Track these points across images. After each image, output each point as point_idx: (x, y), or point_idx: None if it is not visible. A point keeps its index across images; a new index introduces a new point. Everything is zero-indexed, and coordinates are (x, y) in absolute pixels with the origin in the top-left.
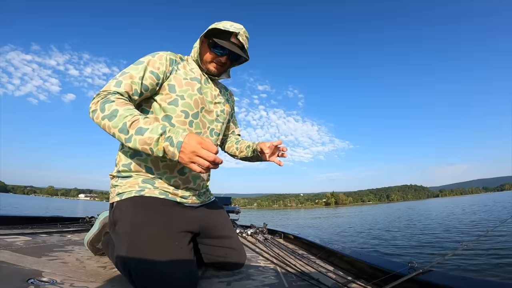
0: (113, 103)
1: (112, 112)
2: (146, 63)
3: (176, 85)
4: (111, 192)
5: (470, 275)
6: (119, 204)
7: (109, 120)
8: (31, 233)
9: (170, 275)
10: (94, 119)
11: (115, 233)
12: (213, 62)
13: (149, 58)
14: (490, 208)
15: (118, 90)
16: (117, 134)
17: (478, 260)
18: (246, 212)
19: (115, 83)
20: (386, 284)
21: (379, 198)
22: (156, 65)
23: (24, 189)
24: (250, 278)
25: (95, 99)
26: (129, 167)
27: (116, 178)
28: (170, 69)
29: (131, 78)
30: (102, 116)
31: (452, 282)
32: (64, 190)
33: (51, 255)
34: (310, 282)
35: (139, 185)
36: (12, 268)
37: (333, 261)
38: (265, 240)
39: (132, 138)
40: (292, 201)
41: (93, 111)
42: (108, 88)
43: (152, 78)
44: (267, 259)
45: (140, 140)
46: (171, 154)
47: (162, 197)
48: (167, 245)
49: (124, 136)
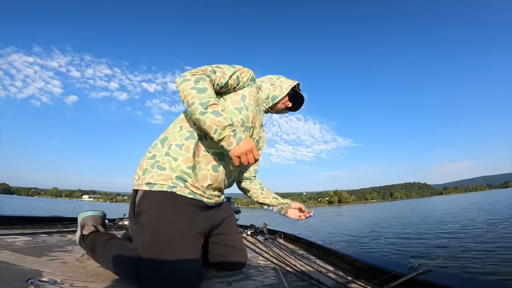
0: (206, 83)
1: (203, 88)
2: (237, 69)
3: (247, 97)
4: (139, 176)
5: (470, 275)
6: (147, 194)
7: (197, 92)
8: (31, 233)
9: (187, 274)
10: (181, 84)
11: (138, 223)
12: (283, 103)
13: (240, 67)
14: (493, 206)
15: (211, 76)
16: (196, 103)
17: (478, 260)
18: (248, 212)
19: (211, 70)
20: (386, 284)
21: (383, 196)
22: (242, 74)
23: (29, 191)
24: (250, 278)
25: (192, 72)
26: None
27: (152, 163)
28: (248, 83)
29: (223, 73)
30: (192, 87)
31: (452, 282)
32: (68, 192)
33: (51, 255)
34: (310, 282)
35: (172, 181)
36: (12, 268)
37: (333, 261)
38: (265, 240)
39: (206, 114)
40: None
41: (187, 79)
42: (206, 70)
43: (235, 81)
44: (267, 259)
45: (212, 119)
46: (228, 143)
47: (190, 197)
48: (191, 245)
49: (202, 109)
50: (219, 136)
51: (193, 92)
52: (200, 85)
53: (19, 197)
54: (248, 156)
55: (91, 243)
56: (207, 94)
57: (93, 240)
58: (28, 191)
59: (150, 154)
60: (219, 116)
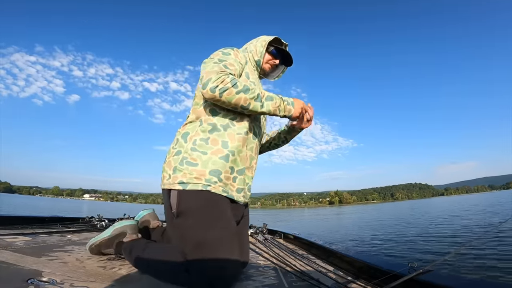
0: (240, 81)
1: (245, 86)
2: (232, 55)
3: (249, 73)
4: (169, 175)
5: (470, 275)
6: (183, 194)
7: (245, 93)
8: (31, 233)
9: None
10: (224, 95)
11: (179, 225)
12: (268, 63)
13: (232, 51)
14: (494, 207)
15: (231, 72)
16: (252, 103)
17: (478, 260)
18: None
19: (224, 66)
20: (386, 284)
21: (384, 196)
22: (239, 56)
23: (30, 190)
24: (250, 279)
25: (219, 79)
26: (206, 141)
27: (180, 159)
28: (245, 61)
29: (232, 65)
30: (237, 91)
31: (452, 282)
32: (69, 191)
33: (51, 255)
34: (310, 282)
35: (206, 178)
36: (12, 268)
37: (333, 261)
38: (265, 240)
39: (265, 104)
40: (296, 200)
41: (222, 89)
42: (224, 70)
43: (240, 68)
44: (267, 259)
45: (272, 104)
46: (288, 110)
47: (224, 194)
48: (234, 240)
49: (259, 103)
50: (283, 112)
51: (242, 95)
52: (240, 86)
53: (20, 196)
54: (304, 110)
55: (128, 247)
56: (252, 89)
57: (130, 244)
58: (29, 190)
59: (174, 151)
60: (272, 99)
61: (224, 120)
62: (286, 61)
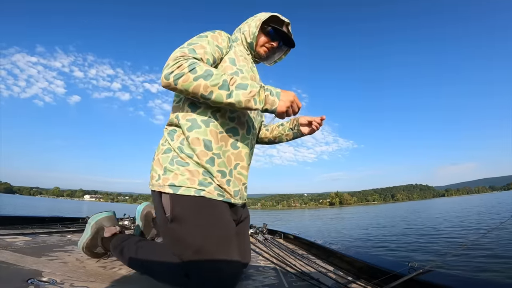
0: (201, 64)
1: (206, 71)
2: (209, 37)
3: (235, 59)
4: (159, 175)
5: (470, 275)
6: (176, 199)
7: (205, 80)
8: (31, 233)
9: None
10: (180, 83)
11: (172, 230)
12: (264, 46)
13: (210, 33)
14: (494, 208)
15: (195, 56)
16: (216, 91)
17: (478, 260)
18: (250, 213)
19: (188, 50)
20: (386, 284)
21: (384, 198)
22: (219, 40)
23: (30, 190)
24: (250, 278)
25: (176, 64)
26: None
27: (169, 159)
28: (229, 45)
29: (202, 48)
30: (195, 77)
31: (452, 282)
32: (70, 191)
33: (51, 255)
34: (310, 282)
35: (199, 179)
36: (12, 268)
37: (333, 261)
38: (265, 240)
39: (234, 93)
40: (296, 201)
41: (178, 75)
42: (185, 54)
43: (219, 52)
44: (267, 259)
45: (243, 94)
46: (271, 102)
47: (220, 199)
48: (233, 243)
49: (226, 92)
50: (261, 104)
51: (201, 81)
52: (200, 71)
53: (21, 197)
54: (293, 106)
55: (118, 246)
56: (216, 75)
57: (121, 244)
58: (29, 190)
59: (164, 148)
60: (246, 87)
61: (205, 114)
62: (287, 42)
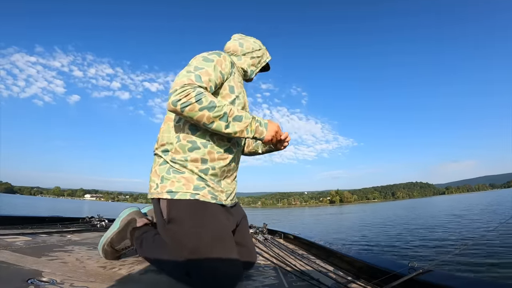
0: (206, 95)
1: (211, 103)
2: (215, 62)
3: (235, 87)
4: (157, 184)
5: (470, 275)
6: (173, 203)
7: (209, 111)
8: (31, 233)
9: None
10: (186, 111)
11: (169, 231)
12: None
13: (216, 57)
14: (495, 206)
15: (201, 85)
16: (216, 122)
17: (478, 260)
18: (247, 211)
19: (195, 77)
20: (386, 284)
21: (384, 195)
22: (223, 65)
23: (31, 190)
24: (250, 279)
25: (183, 92)
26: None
27: (166, 169)
28: (230, 71)
29: (208, 75)
30: (200, 108)
31: (452, 282)
32: (70, 191)
33: (51, 255)
34: (310, 282)
35: (194, 184)
36: (12, 268)
37: (333, 261)
38: (265, 240)
39: (231, 124)
40: (296, 200)
41: (185, 103)
42: (192, 82)
43: (220, 78)
44: (267, 259)
45: (238, 126)
46: (259, 132)
47: (213, 201)
48: (230, 243)
49: (225, 123)
50: (252, 133)
51: (205, 112)
52: (205, 102)
53: (21, 196)
54: (276, 135)
55: (140, 237)
56: (218, 106)
57: (141, 235)
58: (30, 190)
59: (160, 160)
60: (241, 119)
61: (205, 136)
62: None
